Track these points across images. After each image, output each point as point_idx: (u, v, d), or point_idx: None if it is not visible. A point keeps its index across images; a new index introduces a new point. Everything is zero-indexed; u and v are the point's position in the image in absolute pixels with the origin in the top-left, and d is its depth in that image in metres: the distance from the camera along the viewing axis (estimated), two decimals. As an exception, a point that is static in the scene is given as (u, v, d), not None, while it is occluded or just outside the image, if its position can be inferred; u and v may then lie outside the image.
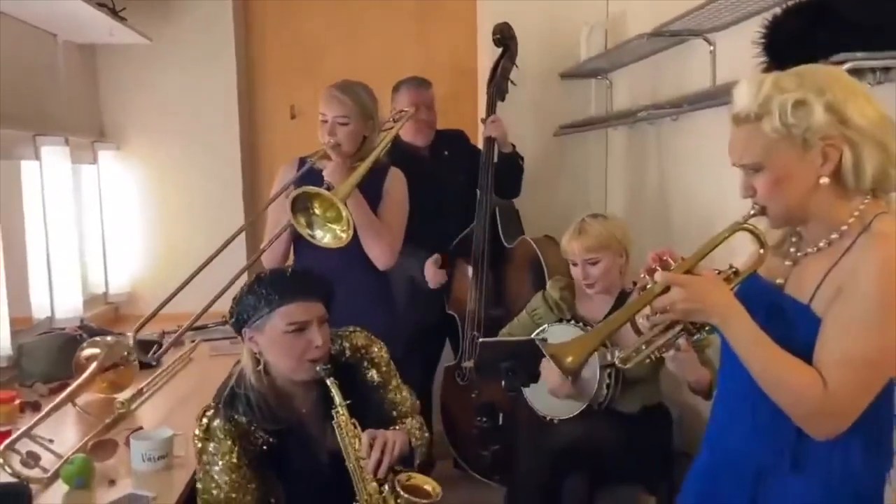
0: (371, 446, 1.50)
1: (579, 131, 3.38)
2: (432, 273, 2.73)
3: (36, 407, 2.02)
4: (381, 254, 2.26)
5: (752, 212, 1.24)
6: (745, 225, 1.24)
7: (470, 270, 2.81)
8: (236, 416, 1.55)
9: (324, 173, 2.20)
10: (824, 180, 1.17)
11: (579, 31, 3.23)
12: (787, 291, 1.26)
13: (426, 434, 1.74)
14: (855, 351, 1.13)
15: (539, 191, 3.15)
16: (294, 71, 3.52)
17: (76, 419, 1.99)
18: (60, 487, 1.58)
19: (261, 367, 1.58)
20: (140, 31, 2.95)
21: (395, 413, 1.71)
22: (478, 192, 2.81)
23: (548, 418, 2.21)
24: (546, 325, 2.23)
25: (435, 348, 3.04)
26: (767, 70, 1.66)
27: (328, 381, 1.53)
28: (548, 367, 2.08)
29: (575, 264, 2.21)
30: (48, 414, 1.84)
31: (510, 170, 2.89)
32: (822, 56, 1.49)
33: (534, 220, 3.03)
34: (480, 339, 2.06)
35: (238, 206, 3.39)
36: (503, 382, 1.79)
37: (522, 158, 2.93)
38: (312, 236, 2.10)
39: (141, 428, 1.86)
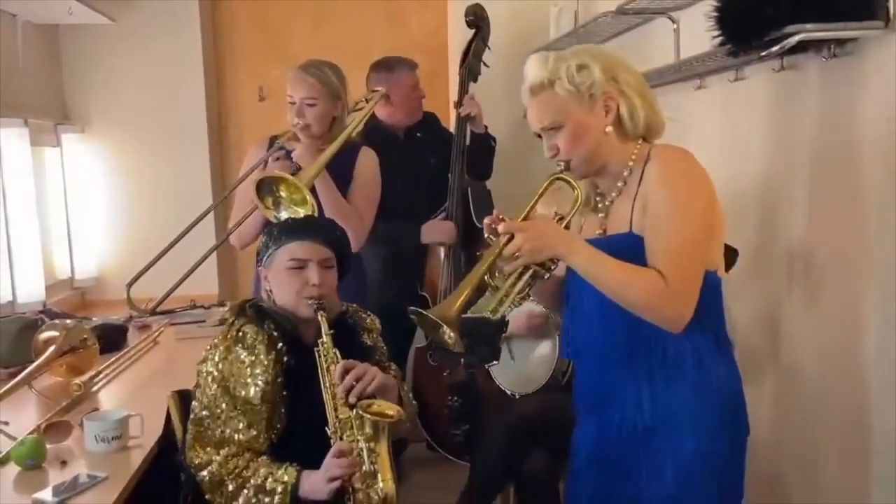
0: (346, 373, 1.52)
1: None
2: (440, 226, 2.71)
3: (-8, 390, 1.99)
4: (361, 233, 2.26)
5: (559, 167, 1.44)
6: (560, 175, 1.44)
7: (442, 251, 2.81)
8: (266, 325, 1.60)
9: (292, 155, 2.17)
10: (609, 129, 1.39)
11: (549, 12, 3.22)
12: (608, 233, 1.43)
13: (413, 403, 1.76)
14: (672, 241, 1.33)
15: (510, 171, 3.13)
16: (262, 52, 3.48)
17: (35, 402, 1.96)
18: (13, 468, 1.56)
19: (271, 300, 1.66)
20: (103, 11, 2.90)
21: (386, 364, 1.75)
22: (450, 175, 2.80)
23: (515, 395, 2.22)
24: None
25: (407, 330, 3.03)
26: (722, 44, 1.67)
27: (319, 316, 1.57)
28: (514, 317, 2.11)
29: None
30: (2, 397, 1.82)
31: (482, 150, 2.88)
32: (774, 29, 1.49)
33: (505, 200, 3.01)
34: (438, 316, 2.06)
35: (206, 189, 3.35)
36: (462, 360, 1.79)
37: (494, 139, 2.92)
38: (277, 218, 2.08)
39: (97, 410, 1.83)
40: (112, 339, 2.46)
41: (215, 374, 1.57)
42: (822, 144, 1.74)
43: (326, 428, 1.51)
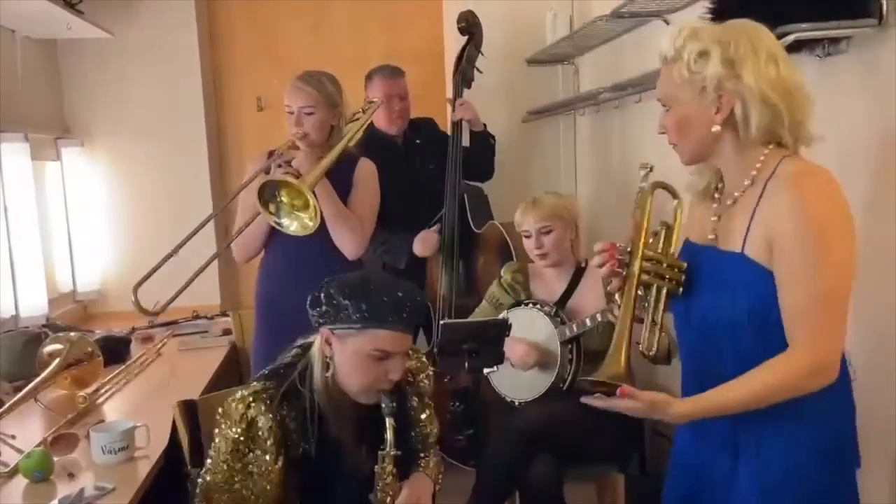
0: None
1: (547, 116, 3.39)
2: (426, 238, 2.71)
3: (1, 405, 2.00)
4: (349, 243, 2.25)
5: (646, 171, 1.40)
6: (660, 184, 1.38)
7: (440, 256, 2.81)
8: (286, 413, 1.44)
9: (293, 163, 2.19)
10: (716, 128, 1.27)
11: (544, 17, 3.24)
12: (719, 246, 1.33)
13: (441, 468, 1.71)
14: (812, 296, 1.19)
15: (508, 176, 3.15)
16: (261, 62, 3.50)
17: (41, 416, 1.97)
18: (20, 481, 1.56)
19: (330, 372, 1.46)
20: (101, 25, 2.91)
21: (420, 444, 1.66)
22: (447, 178, 2.81)
23: (515, 402, 2.22)
24: (505, 311, 2.25)
25: (408, 336, 3.04)
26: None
27: (387, 420, 1.44)
28: (511, 343, 2.10)
29: (528, 236, 2.25)
30: (9, 410, 1.82)
31: (482, 148, 2.90)
32: (768, 27, 1.50)
33: (503, 205, 3.03)
34: (442, 322, 2.07)
35: (207, 201, 3.36)
36: (465, 364, 1.79)
37: (494, 137, 2.93)
38: (279, 224, 2.10)
39: (103, 421, 1.84)
40: (115, 351, 2.47)
41: (225, 455, 1.44)
42: (817, 143, 1.75)
43: None
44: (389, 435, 1.44)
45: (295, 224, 2.08)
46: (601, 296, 2.19)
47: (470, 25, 2.88)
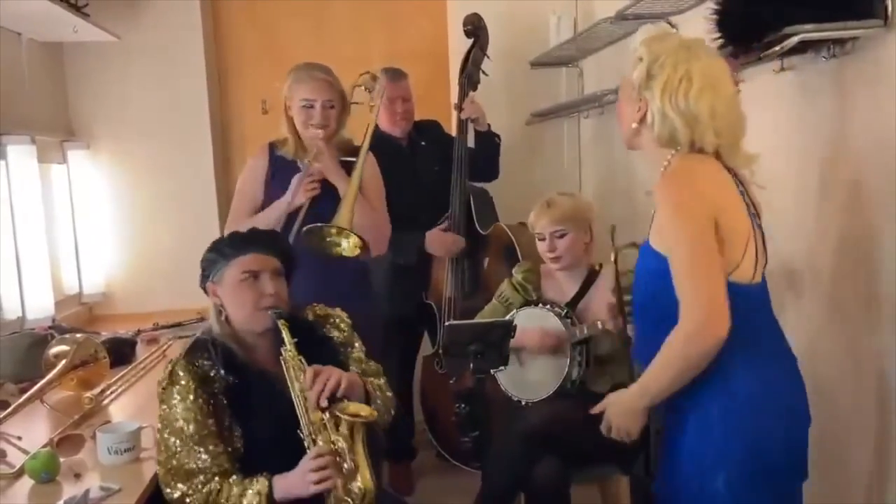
0: (315, 378, 1.55)
1: (551, 119, 3.39)
2: (442, 240, 2.70)
3: (5, 407, 2.00)
4: (380, 240, 2.31)
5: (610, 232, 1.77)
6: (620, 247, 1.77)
7: (447, 259, 2.81)
8: (197, 362, 1.62)
9: (325, 174, 2.20)
10: (634, 125, 1.48)
11: (548, 20, 3.25)
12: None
13: (390, 394, 1.77)
14: (678, 271, 1.37)
15: (512, 179, 3.15)
16: (266, 65, 3.50)
17: (47, 417, 1.97)
18: (27, 482, 1.57)
19: (223, 317, 1.68)
20: (107, 28, 2.93)
21: (358, 373, 1.73)
22: (452, 179, 2.81)
23: (522, 402, 2.22)
24: (515, 311, 2.25)
25: (414, 338, 3.05)
26: (723, 47, 1.68)
27: (279, 323, 1.61)
28: (526, 330, 2.10)
29: (542, 238, 2.23)
30: (15, 411, 1.83)
31: (487, 148, 2.89)
32: (773, 30, 1.50)
33: (507, 207, 3.04)
34: (447, 323, 2.07)
35: (212, 202, 3.37)
36: (471, 365, 1.79)
37: (499, 137, 2.93)
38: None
39: (109, 422, 1.84)
40: (121, 352, 2.47)
41: (161, 418, 1.60)
42: (824, 144, 1.75)
43: (298, 431, 1.55)
44: (284, 332, 1.60)
45: (344, 243, 2.12)
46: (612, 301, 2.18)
47: (476, 28, 2.89)
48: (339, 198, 2.18)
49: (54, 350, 2.12)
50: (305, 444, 1.54)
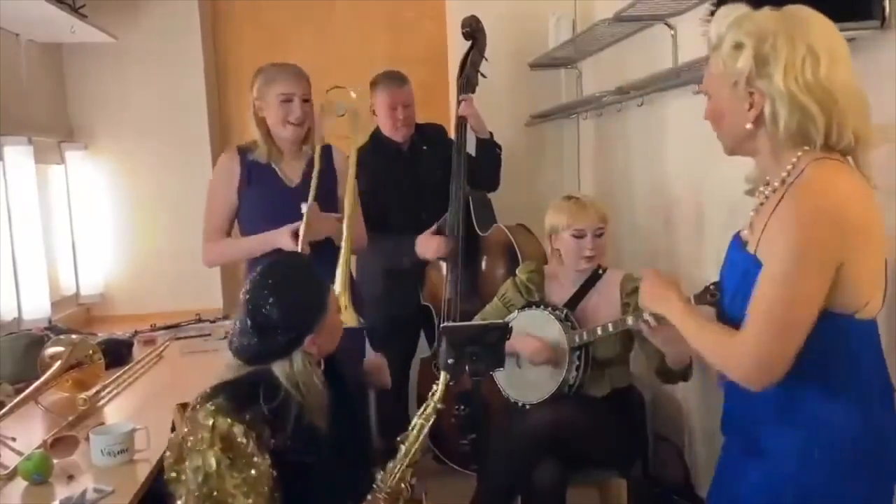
0: None
1: (550, 120, 3.39)
2: (428, 243, 2.70)
3: (0, 408, 2.00)
4: (360, 244, 2.37)
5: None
6: None
7: (443, 261, 2.80)
8: (255, 417, 1.42)
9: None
10: (748, 126, 1.23)
11: (547, 22, 3.24)
12: (749, 244, 1.29)
13: None
14: (764, 304, 1.19)
15: (511, 180, 3.14)
16: (264, 66, 3.49)
17: (42, 418, 1.96)
18: (20, 483, 1.56)
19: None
20: (105, 29, 2.92)
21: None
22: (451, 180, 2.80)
23: (519, 403, 2.21)
24: (516, 312, 2.24)
25: (410, 341, 3.04)
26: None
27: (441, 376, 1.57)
28: (523, 338, 2.09)
29: (580, 236, 2.17)
30: (10, 412, 1.82)
31: (488, 158, 2.88)
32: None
33: (506, 209, 3.03)
34: (442, 325, 2.06)
35: (210, 204, 3.36)
36: (467, 368, 1.78)
37: (500, 147, 2.92)
38: None
39: (103, 424, 1.84)
40: (117, 353, 2.46)
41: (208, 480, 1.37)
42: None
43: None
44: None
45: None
46: (615, 304, 2.17)
47: (474, 31, 2.88)
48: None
49: (50, 351, 2.11)
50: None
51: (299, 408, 1.45)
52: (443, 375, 1.53)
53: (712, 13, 1.65)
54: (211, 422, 1.38)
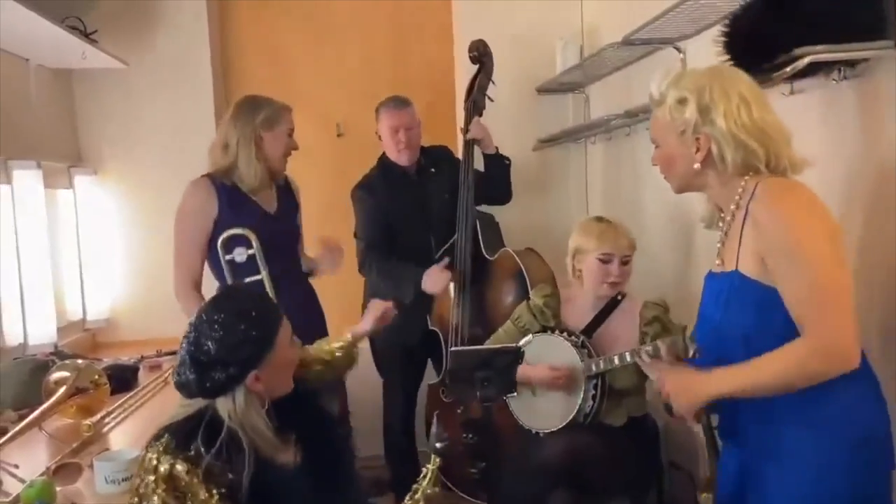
0: None
1: (558, 144, 3.38)
2: (436, 280, 2.69)
3: (3, 434, 1.96)
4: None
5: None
6: None
7: (452, 285, 2.78)
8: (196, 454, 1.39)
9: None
10: (696, 166, 1.41)
11: (554, 47, 3.25)
12: (724, 269, 1.44)
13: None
14: (805, 288, 1.27)
15: (519, 205, 3.13)
16: (273, 91, 3.45)
17: (46, 445, 1.93)
18: (22, 512, 1.53)
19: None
20: (115, 54, 2.95)
21: None
22: (458, 202, 2.79)
23: (533, 431, 2.17)
24: (531, 336, 2.20)
25: (418, 366, 3.00)
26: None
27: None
28: (536, 367, 2.06)
29: (607, 261, 2.15)
30: (12, 438, 1.79)
31: (498, 171, 2.87)
32: (783, 50, 1.49)
33: (513, 233, 3.01)
34: (452, 348, 2.03)
35: (217, 230, 3.35)
36: (478, 393, 1.75)
37: (508, 159, 2.91)
38: None
39: (108, 450, 1.81)
40: (123, 379, 2.44)
41: None
42: (834, 168, 1.72)
43: None
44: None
45: None
46: (633, 332, 2.14)
47: (481, 55, 2.89)
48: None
49: (54, 376, 2.09)
50: None
51: (251, 445, 1.40)
52: (433, 460, 1.46)
53: (724, 34, 1.66)
54: (154, 464, 1.37)
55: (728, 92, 1.36)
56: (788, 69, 1.49)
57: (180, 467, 1.35)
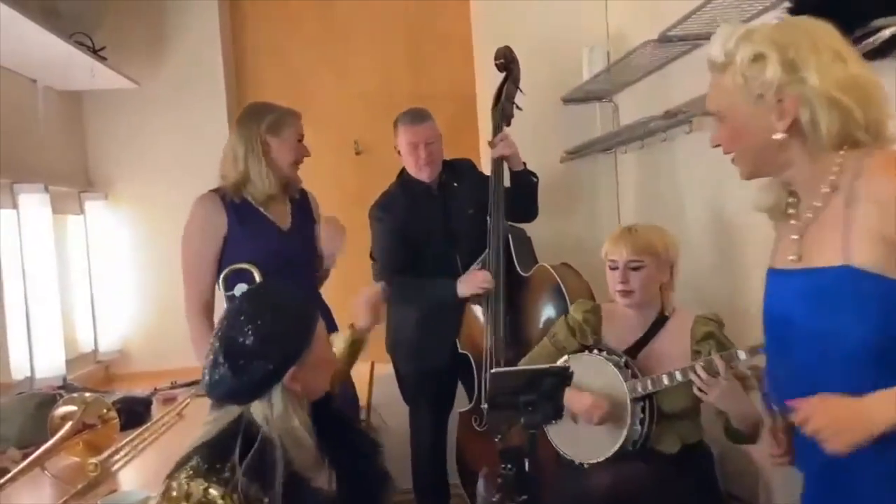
0: None
1: (586, 156, 3.23)
2: (472, 278, 2.54)
3: (4, 475, 1.81)
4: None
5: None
6: None
7: (479, 308, 2.61)
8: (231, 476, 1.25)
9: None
10: (778, 136, 1.14)
11: (580, 54, 3.12)
12: (809, 266, 1.17)
13: None
14: None
15: (547, 219, 2.97)
16: (288, 113, 3.41)
17: (50, 485, 1.79)
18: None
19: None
20: (127, 74, 2.85)
21: None
22: (488, 219, 2.63)
23: (576, 462, 1.98)
24: (567, 356, 2.03)
25: (447, 392, 2.83)
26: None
27: None
28: (577, 394, 1.87)
29: (614, 268, 2.00)
30: (13, 479, 1.65)
31: (525, 188, 2.72)
32: (859, 24, 1.33)
33: (541, 250, 2.84)
34: (492, 370, 1.85)
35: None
36: (521, 419, 1.57)
37: (536, 176, 2.76)
38: None
39: (115, 491, 1.65)
40: (135, 413, 2.30)
41: None
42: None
43: None
44: None
45: None
46: (684, 351, 1.95)
47: (508, 61, 2.75)
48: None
49: (61, 411, 1.95)
50: None
51: (284, 460, 1.26)
52: None
53: (790, 9, 1.50)
54: (186, 489, 1.23)
55: (817, 44, 1.13)
56: (871, 39, 1.32)
57: (215, 491, 1.21)
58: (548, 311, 2.46)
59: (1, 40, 2.21)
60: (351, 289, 2.25)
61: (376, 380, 2.81)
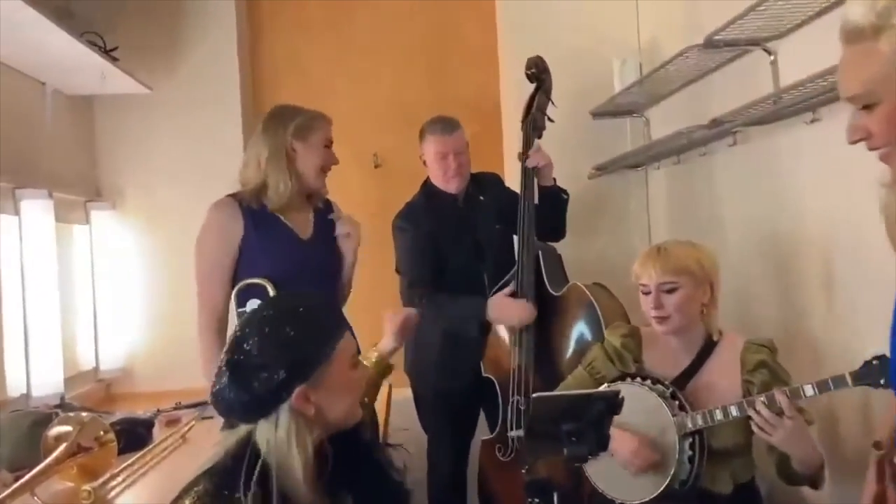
0: None
1: (616, 172, 3.09)
2: (510, 308, 2.38)
3: (-7, 500, 1.66)
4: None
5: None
6: None
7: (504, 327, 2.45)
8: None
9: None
10: None
11: (610, 67, 2.99)
12: None
13: None
14: None
15: (576, 238, 2.81)
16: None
17: (43, 514, 1.63)
18: None
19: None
20: (139, 78, 2.74)
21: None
22: (515, 236, 2.48)
23: (618, 502, 1.79)
24: (606, 385, 1.85)
25: (469, 418, 2.66)
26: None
27: None
28: (618, 435, 1.69)
29: (647, 292, 1.82)
30: (-2, 507, 1.48)
31: (553, 205, 2.56)
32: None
33: (573, 266, 2.69)
34: (534, 395, 1.68)
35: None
36: (564, 451, 1.40)
37: (566, 192, 2.61)
38: None
39: (111, 523, 1.49)
40: (134, 435, 2.15)
41: None
42: None
43: None
44: None
45: None
46: (734, 380, 1.77)
47: (539, 71, 2.61)
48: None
49: (55, 431, 1.79)
50: None
51: (280, 492, 1.12)
52: None
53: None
54: None
55: None
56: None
57: None
58: (580, 333, 2.29)
59: (11, 40, 2.12)
60: (373, 309, 2.12)
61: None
